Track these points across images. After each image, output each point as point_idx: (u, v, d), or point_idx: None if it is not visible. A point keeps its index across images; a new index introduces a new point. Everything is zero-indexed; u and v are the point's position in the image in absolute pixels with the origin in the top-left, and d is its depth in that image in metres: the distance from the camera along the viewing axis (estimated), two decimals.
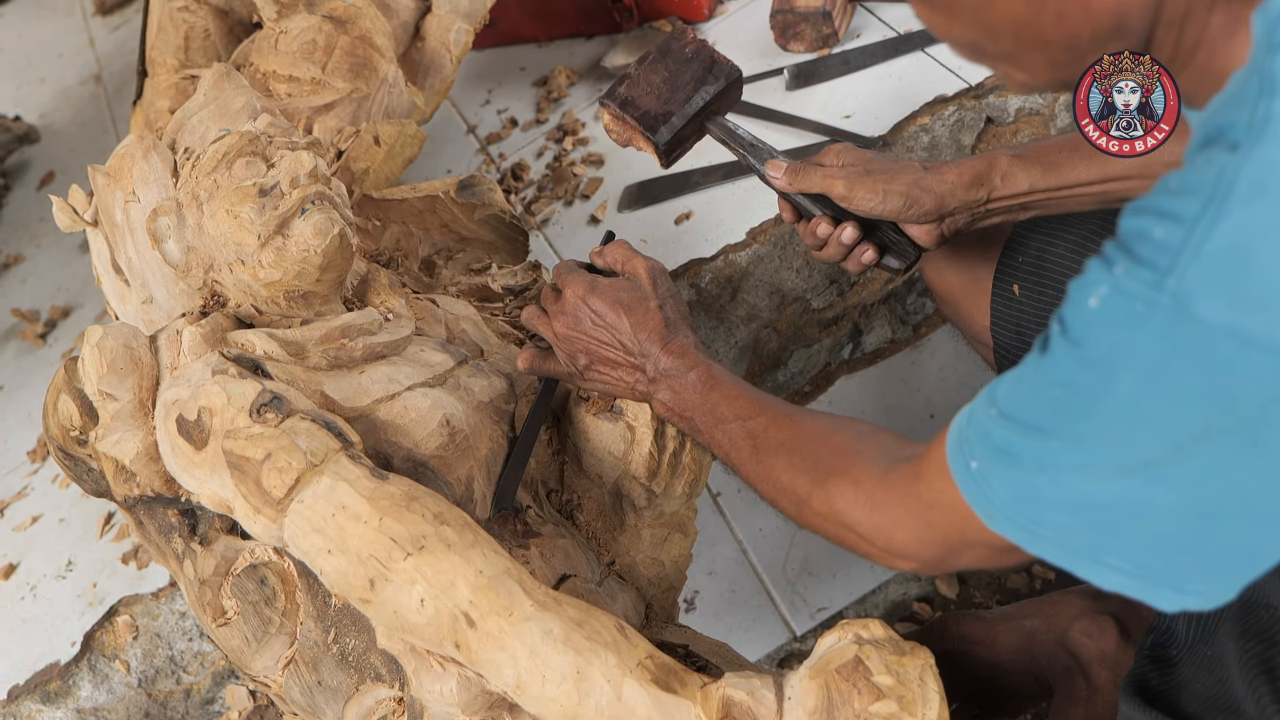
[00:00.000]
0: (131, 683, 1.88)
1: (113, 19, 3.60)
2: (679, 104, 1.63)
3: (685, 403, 1.45)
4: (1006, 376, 1.04)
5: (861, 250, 1.55)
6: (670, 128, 1.62)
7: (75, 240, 2.81)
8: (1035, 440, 0.98)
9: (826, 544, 2.22)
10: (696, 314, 2.03)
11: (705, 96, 1.63)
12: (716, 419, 1.41)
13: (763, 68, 2.32)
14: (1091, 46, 0.98)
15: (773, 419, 1.37)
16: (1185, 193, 0.89)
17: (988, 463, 1.04)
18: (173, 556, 1.58)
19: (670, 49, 1.65)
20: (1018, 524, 1.02)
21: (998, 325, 1.62)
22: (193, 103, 1.75)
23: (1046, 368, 0.98)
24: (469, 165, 2.49)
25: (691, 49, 1.65)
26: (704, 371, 1.45)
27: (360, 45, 1.99)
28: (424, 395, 1.49)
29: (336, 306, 1.59)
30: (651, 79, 1.64)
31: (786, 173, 1.55)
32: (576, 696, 1.24)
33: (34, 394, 2.44)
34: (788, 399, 2.14)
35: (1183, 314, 0.87)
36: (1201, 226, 0.87)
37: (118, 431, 1.51)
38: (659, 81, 1.64)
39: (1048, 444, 0.97)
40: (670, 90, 1.64)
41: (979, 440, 1.04)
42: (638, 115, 1.63)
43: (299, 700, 1.49)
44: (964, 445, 1.06)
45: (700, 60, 1.64)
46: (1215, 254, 0.86)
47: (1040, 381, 0.99)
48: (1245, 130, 0.87)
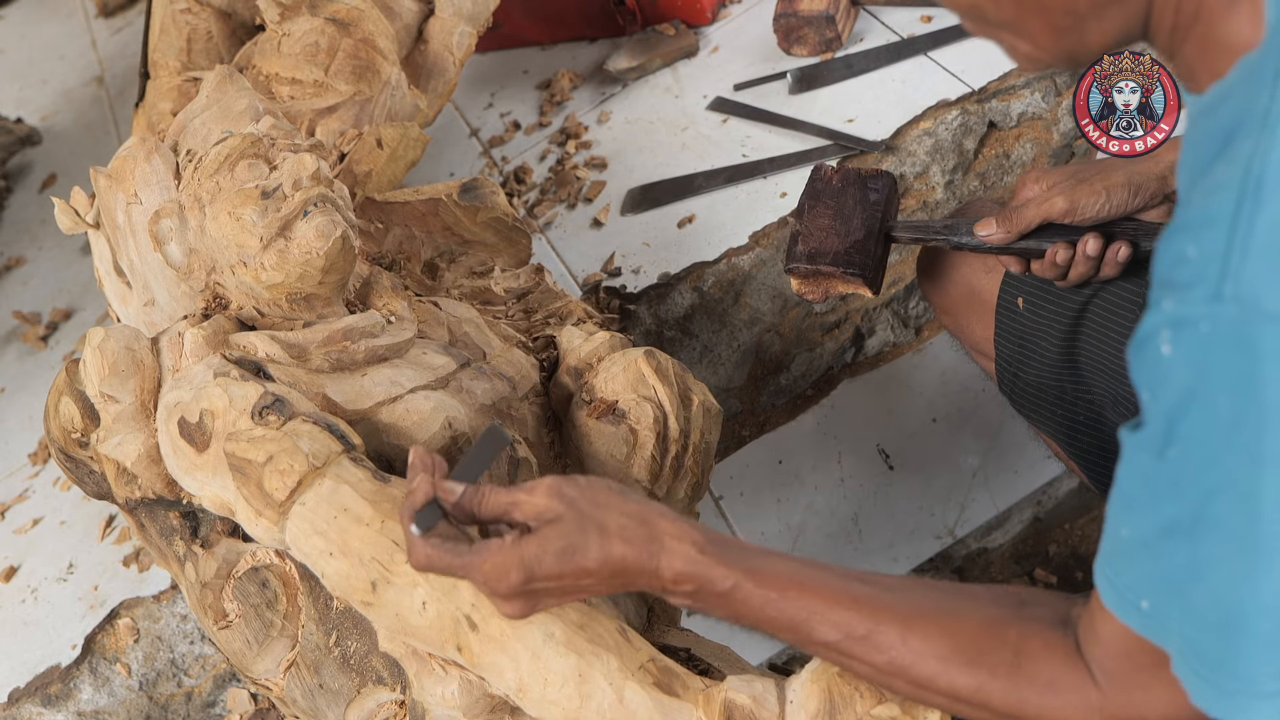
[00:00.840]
0: (133, 685, 1.88)
1: (115, 21, 3.60)
2: (860, 231, 1.60)
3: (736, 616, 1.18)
4: (1114, 502, 0.99)
5: (1115, 250, 1.48)
6: (866, 253, 1.59)
7: (77, 243, 2.81)
8: (1178, 540, 0.93)
9: (829, 546, 2.23)
10: (700, 317, 2.03)
11: (878, 211, 1.61)
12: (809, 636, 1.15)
13: (766, 71, 2.32)
14: (1091, 10, 0.95)
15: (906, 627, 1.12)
16: (1213, 194, 0.87)
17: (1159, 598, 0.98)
18: (174, 559, 1.58)
19: (819, 189, 1.64)
20: None
21: (1001, 338, 1.62)
22: (195, 105, 1.75)
23: (1138, 448, 0.94)
24: (472, 168, 2.49)
25: (838, 179, 1.64)
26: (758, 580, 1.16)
27: (363, 48, 1.99)
28: (426, 398, 1.49)
29: (339, 309, 1.59)
30: (820, 223, 1.62)
31: (1001, 223, 1.50)
32: (578, 700, 1.24)
33: (35, 396, 2.44)
34: (789, 403, 2.14)
35: (1252, 313, 0.84)
36: (1242, 222, 0.84)
37: (119, 433, 1.51)
38: (827, 222, 1.62)
39: None
40: (844, 224, 1.61)
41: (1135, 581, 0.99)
42: (829, 261, 1.60)
43: (300, 703, 1.49)
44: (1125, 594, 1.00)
45: (853, 184, 1.63)
46: (1265, 244, 0.83)
47: (1157, 479, 0.94)
48: (1263, 117, 0.85)
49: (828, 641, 1.14)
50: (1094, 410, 1.54)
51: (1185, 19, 0.95)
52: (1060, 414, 1.59)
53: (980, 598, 1.15)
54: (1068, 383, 1.56)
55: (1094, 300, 1.52)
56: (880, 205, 1.62)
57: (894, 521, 2.26)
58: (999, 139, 2.09)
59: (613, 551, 1.15)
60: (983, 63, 2.12)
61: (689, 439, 1.55)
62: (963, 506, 2.29)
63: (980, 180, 2.08)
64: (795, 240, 1.63)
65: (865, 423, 2.20)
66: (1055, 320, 1.55)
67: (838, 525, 2.23)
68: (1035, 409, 1.62)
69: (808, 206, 1.64)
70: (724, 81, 2.36)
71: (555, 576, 1.15)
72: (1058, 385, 1.57)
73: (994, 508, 2.31)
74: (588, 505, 1.17)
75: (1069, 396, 1.56)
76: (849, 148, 2.08)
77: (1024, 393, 1.62)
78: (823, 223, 1.62)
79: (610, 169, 2.30)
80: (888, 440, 2.22)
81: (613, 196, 2.24)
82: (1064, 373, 1.56)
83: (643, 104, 2.41)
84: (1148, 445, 0.94)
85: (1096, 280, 1.51)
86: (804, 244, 1.62)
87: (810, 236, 1.62)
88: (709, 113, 2.32)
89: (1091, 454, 1.58)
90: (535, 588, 1.16)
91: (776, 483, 2.17)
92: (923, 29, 2.25)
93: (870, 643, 1.12)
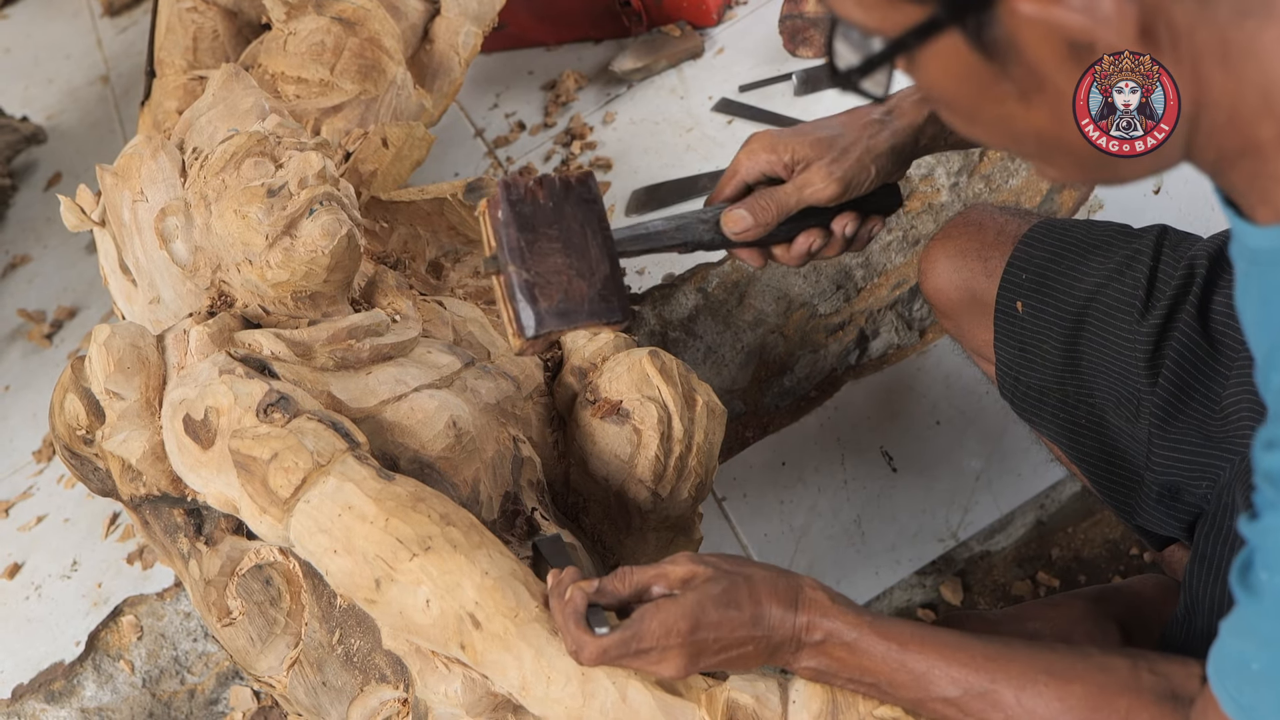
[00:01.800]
0: (136, 683, 1.88)
1: (121, 20, 3.61)
2: (604, 263, 1.30)
3: (859, 669, 1.20)
4: (1230, 637, 0.99)
5: (871, 226, 1.43)
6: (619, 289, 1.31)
7: (81, 241, 2.81)
8: None
9: (831, 549, 2.23)
10: (704, 319, 2.03)
11: (605, 228, 1.31)
12: (926, 690, 1.17)
13: (771, 73, 2.32)
14: (1121, 154, 0.94)
15: (1020, 687, 1.14)
16: None
17: None
18: (178, 556, 1.58)
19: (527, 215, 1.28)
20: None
21: (1001, 342, 1.61)
22: (201, 103, 1.75)
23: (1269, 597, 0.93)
24: (476, 168, 2.49)
25: (544, 194, 1.29)
26: (879, 630, 1.19)
27: (369, 47, 1.99)
28: (431, 397, 1.49)
29: (344, 308, 1.60)
30: (552, 263, 1.27)
31: (758, 214, 1.38)
32: (581, 698, 1.24)
33: (39, 394, 2.44)
34: (793, 405, 2.14)
35: None
36: None
37: (124, 430, 1.51)
38: (561, 260, 1.27)
39: None
40: (580, 257, 1.28)
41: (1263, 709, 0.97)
42: (586, 315, 1.29)
43: (303, 701, 1.49)
44: (1248, 712, 0.98)
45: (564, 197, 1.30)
46: None
47: None
48: None
49: (948, 697, 1.16)
50: (1096, 413, 1.54)
51: (1230, 154, 0.93)
52: (1062, 417, 1.58)
53: (1093, 660, 1.15)
54: (1069, 386, 1.55)
55: (1093, 302, 1.51)
56: (604, 218, 1.31)
57: (897, 524, 2.26)
58: None
59: (761, 596, 1.19)
60: None
61: (693, 439, 1.55)
62: (966, 509, 2.29)
63: (985, 183, 2.08)
64: (528, 293, 1.26)
65: (869, 425, 2.20)
66: (1055, 323, 1.54)
67: (840, 527, 2.23)
68: (1037, 413, 1.62)
69: (524, 243, 1.26)
70: (729, 83, 2.36)
71: (716, 625, 1.18)
72: (1059, 389, 1.56)
73: (997, 511, 2.31)
74: (729, 565, 1.22)
75: (1071, 400, 1.56)
76: None
77: (1025, 396, 1.62)
78: (555, 262, 1.26)
79: (615, 170, 2.30)
80: (891, 442, 2.22)
81: (617, 197, 2.24)
82: (1065, 376, 1.55)
83: (648, 105, 2.41)
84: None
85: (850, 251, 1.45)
86: (545, 298, 1.26)
87: (548, 286, 1.26)
88: (714, 114, 2.32)
89: (1094, 457, 1.58)
90: (700, 638, 1.18)
91: (780, 484, 2.17)
92: None
93: (988, 700, 1.14)
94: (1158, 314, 1.44)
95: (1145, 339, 1.45)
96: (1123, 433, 1.51)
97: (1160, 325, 1.44)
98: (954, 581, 2.30)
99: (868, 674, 1.19)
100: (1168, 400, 1.42)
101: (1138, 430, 1.48)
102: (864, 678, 1.19)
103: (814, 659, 1.20)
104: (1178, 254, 1.48)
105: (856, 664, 1.19)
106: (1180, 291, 1.44)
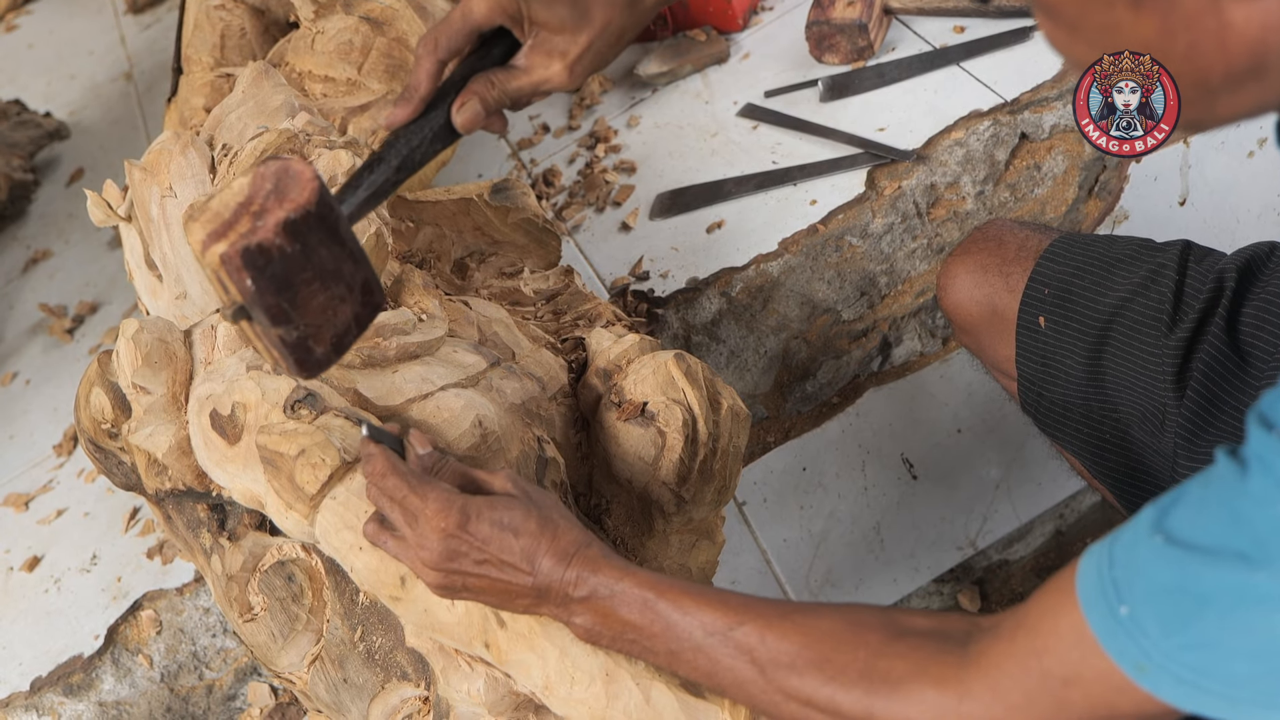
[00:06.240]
0: (154, 677, 1.88)
1: (144, 17, 3.61)
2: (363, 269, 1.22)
3: (620, 624, 1.19)
4: (1176, 503, 0.92)
5: None
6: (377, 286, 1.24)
7: (103, 237, 2.82)
8: (1236, 572, 0.86)
9: (850, 555, 2.23)
10: (727, 323, 2.03)
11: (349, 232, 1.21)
12: (678, 637, 1.16)
13: (797, 79, 2.32)
14: (1225, 86, 0.87)
15: (766, 625, 1.12)
16: None
17: (1147, 606, 0.90)
18: (200, 552, 1.58)
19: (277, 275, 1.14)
20: (1178, 676, 0.90)
21: (1023, 358, 1.61)
22: (231, 99, 1.76)
23: (1252, 483, 0.87)
24: (500, 170, 2.50)
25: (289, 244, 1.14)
26: (639, 580, 1.19)
27: (397, 47, 2.00)
28: (457, 396, 1.49)
29: None
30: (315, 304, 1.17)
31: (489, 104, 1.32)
32: (605, 699, 1.24)
33: (60, 388, 2.45)
34: (815, 410, 2.14)
35: None
36: None
37: (151, 425, 1.51)
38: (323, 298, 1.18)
39: (1253, 575, 0.85)
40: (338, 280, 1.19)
41: (1134, 581, 0.91)
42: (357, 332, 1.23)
43: (324, 697, 1.49)
44: (1108, 590, 0.93)
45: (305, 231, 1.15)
46: None
47: (1243, 501, 0.87)
48: None
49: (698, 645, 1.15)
50: (1120, 428, 1.54)
51: None
52: (1086, 433, 1.58)
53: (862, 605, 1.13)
54: (1093, 401, 1.55)
55: (1118, 317, 1.51)
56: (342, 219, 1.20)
57: (916, 531, 2.26)
58: (1030, 150, 2.08)
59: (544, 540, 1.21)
60: (1015, 74, 2.12)
61: (717, 443, 1.55)
62: (985, 518, 2.29)
63: (1011, 191, 2.08)
64: (301, 347, 1.18)
65: (890, 432, 2.19)
66: (1079, 338, 1.54)
67: (860, 534, 2.23)
68: (1060, 428, 1.61)
69: (285, 303, 1.15)
70: (754, 88, 2.36)
71: (485, 540, 1.20)
72: (1083, 403, 1.56)
73: (1016, 520, 2.30)
74: (539, 500, 1.25)
75: (1094, 415, 1.55)
76: (880, 156, 2.08)
77: (1049, 412, 1.61)
78: (318, 302, 1.17)
79: (639, 173, 2.30)
80: (912, 449, 2.22)
81: (641, 200, 2.25)
82: (1089, 391, 1.55)
83: (673, 109, 2.41)
84: None
85: None
86: (318, 343, 1.19)
87: (319, 330, 1.18)
88: (739, 119, 2.32)
89: (1118, 472, 1.57)
90: (463, 542, 1.20)
91: (800, 489, 2.17)
92: (955, 39, 2.24)
93: (734, 643, 1.13)
94: (1186, 327, 1.44)
95: (1173, 352, 1.44)
96: (1147, 447, 1.51)
97: (1188, 338, 1.44)
98: (971, 590, 2.29)
99: (629, 629, 1.19)
100: (1195, 413, 1.41)
101: (1162, 445, 1.48)
102: (626, 633, 1.19)
103: (582, 615, 1.20)
104: (1204, 268, 1.48)
105: (619, 619, 1.19)
106: (1210, 304, 1.44)
